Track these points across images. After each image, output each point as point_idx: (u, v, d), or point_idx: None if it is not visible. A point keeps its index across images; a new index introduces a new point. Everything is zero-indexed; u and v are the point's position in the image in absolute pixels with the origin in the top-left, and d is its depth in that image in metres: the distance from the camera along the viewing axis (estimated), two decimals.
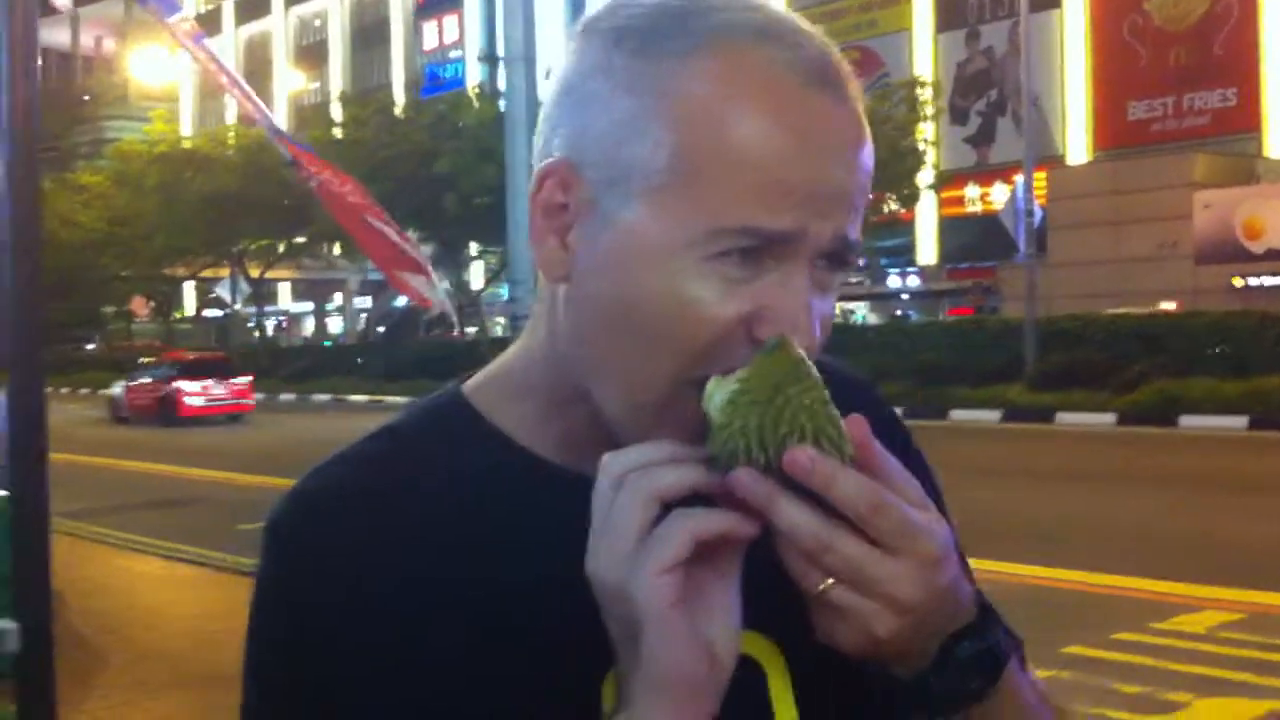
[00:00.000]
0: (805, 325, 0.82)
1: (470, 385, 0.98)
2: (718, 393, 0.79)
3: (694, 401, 0.81)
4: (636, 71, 0.83)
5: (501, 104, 33.35)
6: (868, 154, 0.86)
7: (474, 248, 39.64)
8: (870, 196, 0.89)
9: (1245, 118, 34.84)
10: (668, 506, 0.78)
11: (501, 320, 50.61)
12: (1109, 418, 20.45)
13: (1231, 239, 28.57)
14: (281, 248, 44.40)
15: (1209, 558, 9.30)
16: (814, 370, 0.79)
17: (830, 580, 0.78)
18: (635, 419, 0.85)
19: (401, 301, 55.01)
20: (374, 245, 6.42)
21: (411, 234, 41.13)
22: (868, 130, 0.86)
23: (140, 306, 55.01)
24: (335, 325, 62.35)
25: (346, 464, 0.93)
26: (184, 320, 60.41)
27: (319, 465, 0.94)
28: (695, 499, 0.79)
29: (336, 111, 39.77)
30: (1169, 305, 26.32)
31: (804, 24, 0.85)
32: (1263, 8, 34.40)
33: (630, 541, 0.77)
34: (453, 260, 38.27)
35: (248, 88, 6.39)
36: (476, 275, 45.75)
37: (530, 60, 8.47)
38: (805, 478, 0.76)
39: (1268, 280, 28.69)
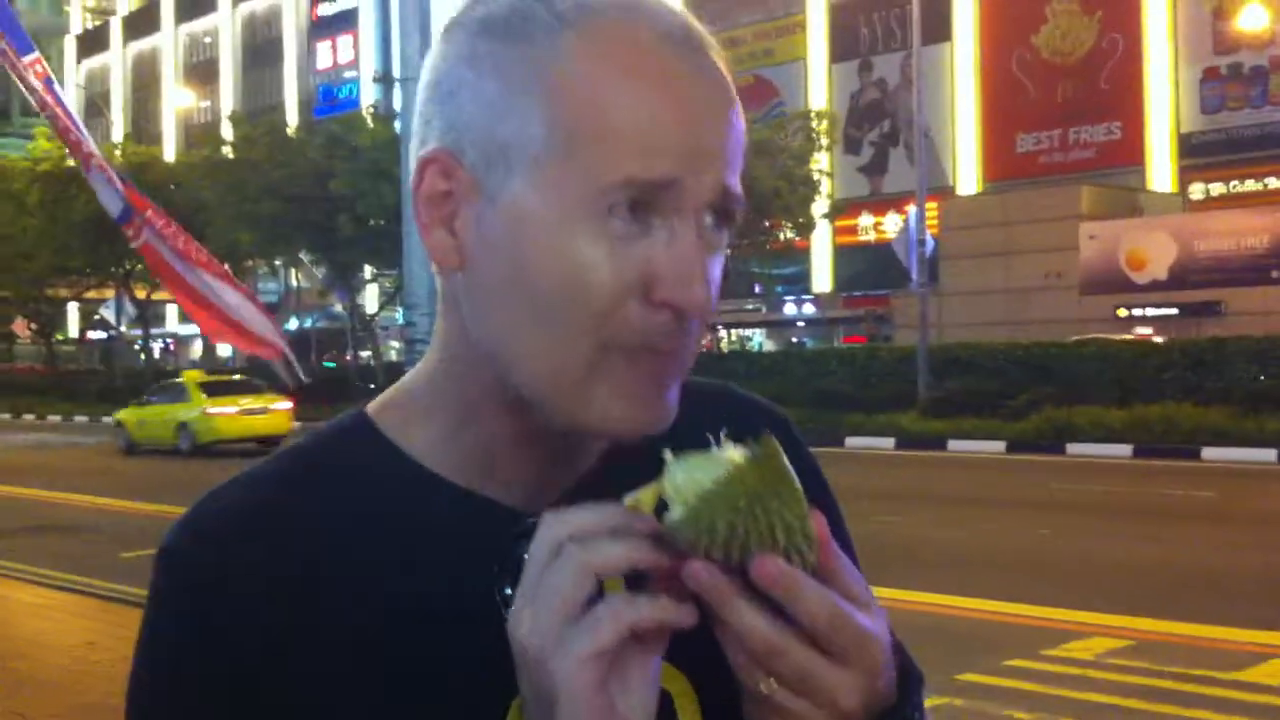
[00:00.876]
0: (699, 281, 0.82)
1: (374, 406, 0.96)
2: (680, 473, 0.77)
3: (618, 369, 0.82)
4: (502, 55, 0.84)
5: (397, 125, 33.11)
6: (737, 114, 0.87)
7: (368, 271, 39.17)
8: (742, 173, 0.88)
9: (1129, 151, 35.81)
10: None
11: (396, 344, 50.18)
12: (999, 445, 20.79)
13: (1116, 269, 29.29)
14: None
15: (1099, 584, 9.44)
16: (795, 480, 0.76)
17: (774, 683, 0.77)
18: (561, 395, 0.84)
19: (293, 325, 54.26)
20: (201, 311, 6.16)
21: (305, 256, 40.58)
22: (734, 92, 0.87)
23: (21, 328, 53.53)
24: (225, 349, 61.25)
25: (242, 486, 0.92)
26: (67, 342, 58.90)
27: (214, 488, 0.92)
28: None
29: (227, 130, 39.14)
30: (1145, 331, 26.74)
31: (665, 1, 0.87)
32: (1147, 44, 35.43)
33: (559, 616, 0.75)
34: (346, 283, 37.79)
35: (88, 139, 6.18)
36: (371, 298, 45.24)
37: None
38: (770, 587, 0.75)
39: (1151, 310, 29.44)
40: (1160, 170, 35.34)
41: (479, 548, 0.86)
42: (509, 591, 0.85)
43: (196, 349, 62.86)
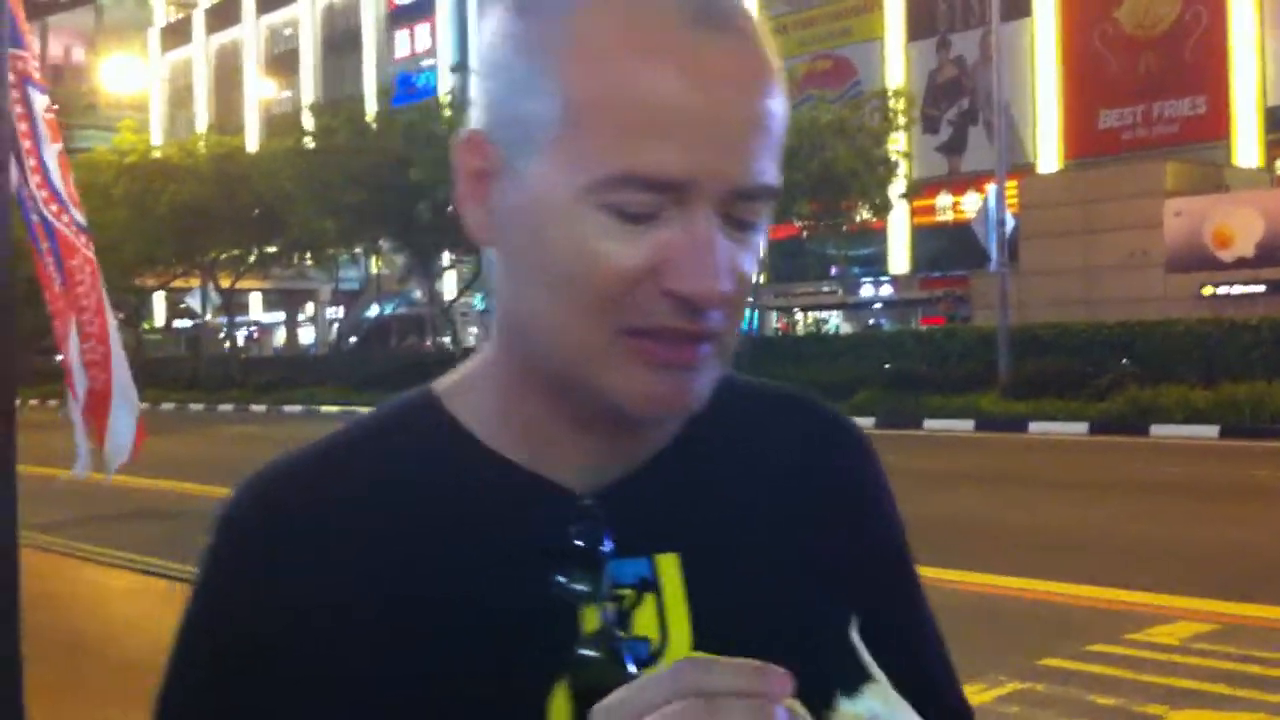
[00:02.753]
0: (709, 272, 0.81)
1: (439, 383, 0.97)
2: None
3: (633, 349, 0.82)
4: (525, 34, 0.84)
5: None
6: (768, 92, 0.84)
7: (447, 257, 39.50)
8: (782, 142, 0.86)
9: (1214, 126, 35.10)
10: None
11: (475, 330, 50.53)
12: (1081, 426, 20.54)
13: (1202, 247, 28.75)
14: (252, 258, 44.18)
15: (1182, 568, 9.33)
16: None
17: None
18: (581, 372, 0.85)
19: (373, 311, 54.88)
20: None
21: (385, 243, 40.90)
22: (769, 67, 0.85)
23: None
24: (307, 335, 62.09)
25: (302, 455, 0.94)
26: (153, 331, 60.01)
27: (275, 457, 0.94)
28: None
29: (308, 120, 39.64)
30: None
31: None
32: (1231, 16, 34.68)
33: None
34: (425, 269, 38.14)
35: (47, 153, 6.05)
36: (450, 285, 45.63)
37: None
38: None
39: (1237, 289, 28.86)
40: (1246, 145, 34.61)
41: (530, 526, 0.87)
42: (561, 579, 0.86)
43: (280, 336, 63.82)
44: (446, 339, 39.36)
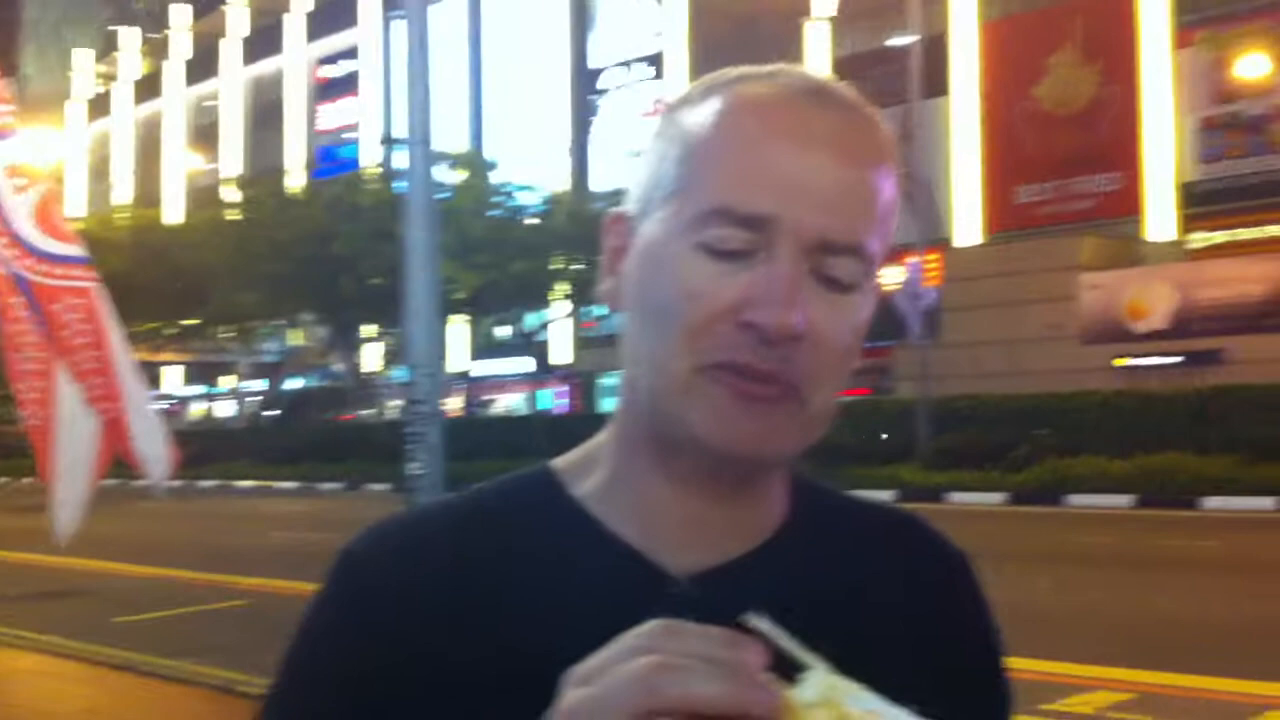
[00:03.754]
0: (784, 305, 0.86)
1: (559, 459, 1.03)
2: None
3: (711, 385, 0.88)
4: (669, 125, 0.96)
5: (398, 185, 33.28)
6: (865, 162, 0.92)
7: (369, 330, 39.25)
8: (887, 221, 0.93)
9: (1129, 201, 35.89)
10: None
11: (396, 403, 50.16)
12: (1000, 496, 20.70)
13: (1117, 319, 29.29)
14: (171, 331, 43.60)
15: (1101, 636, 9.36)
16: None
17: None
18: (666, 405, 0.91)
19: (294, 384, 54.31)
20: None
21: (307, 315, 40.49)
22: (871, 144, 0.93)
23: None
24: (225, 409, 61.21)
25: (425, 514, 1.03)
26: None
27: (400, 511, 1.06)
28: None
29: (231, 193, 39.42)
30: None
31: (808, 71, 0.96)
32: (1145, 95, 35.61)
33: None
34: (347, 342, 37.84)
35: (6, 203, 5.95)
36: (372, 358, 45.28)
37: (427, 143, 8.40)
38: None
39: (1152, 360, 29.40)
40: (1160, 219, 35.39)
41: (622, 603, 0.85)
42: None
43: (197, 410, 62.86)
44: (368, 412, 38.99)
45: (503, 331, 39.07)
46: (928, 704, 0.90)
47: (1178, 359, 28.84)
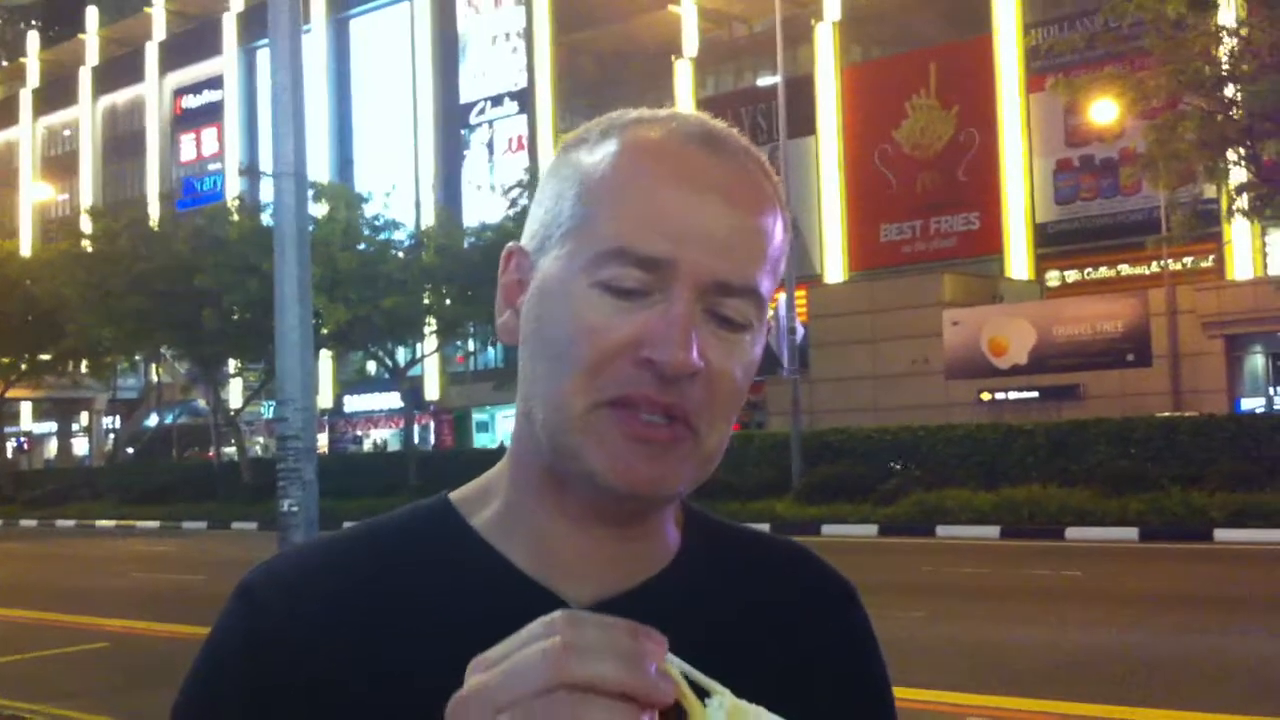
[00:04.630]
0: (679, 344, 0.88)
1: (457, 490, 1.04)
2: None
3: (608, 423, 0.90)
4: (566, 164, 0.98)
5: (264, 218, 32.65)
6: (756, 208, 0.95)
7: (233, 365, 38.37)
8: (777, 264, 0.96)
9: (988, 240, 36.87)
10: None
11: (261, 440, 49.09)
12: (872, 529, 20.97)
13: (979, 355, 29.97)
14: (24, 365, 42.16)
15: (971, 665, 9.49)
16: None
17: None
18: (563, 441, 0.92)
19: (153, 421, 52.91)
20: None
21: (168, 351, 39.42)
22: (760, 190, 0.96)
23: None
24: (82, 447, 59.34)
25: (323, 545, 1.01)
26: None
27: (299, 544, 1.05)
28: None
29: (87, 225, 38.32)
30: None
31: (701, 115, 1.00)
32: (1003, 138, 36.65)
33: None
34: (210, 378, 36.97)
35: None
36: (235, 394, 44.31)
37: (301, 175, 8.21)
38: None
39: (1013, 395, 30.14)
40: (1018, 258, 36.42)
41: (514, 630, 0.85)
42: None
43: (53, 447, 60.87)
44: (231, 449, 38.11)
45: (372, 367, 38.52)
46: None
47: (1037, 394, 29.63)
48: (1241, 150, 19.05)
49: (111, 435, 55.20)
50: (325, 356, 40.12)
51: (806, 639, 1.05)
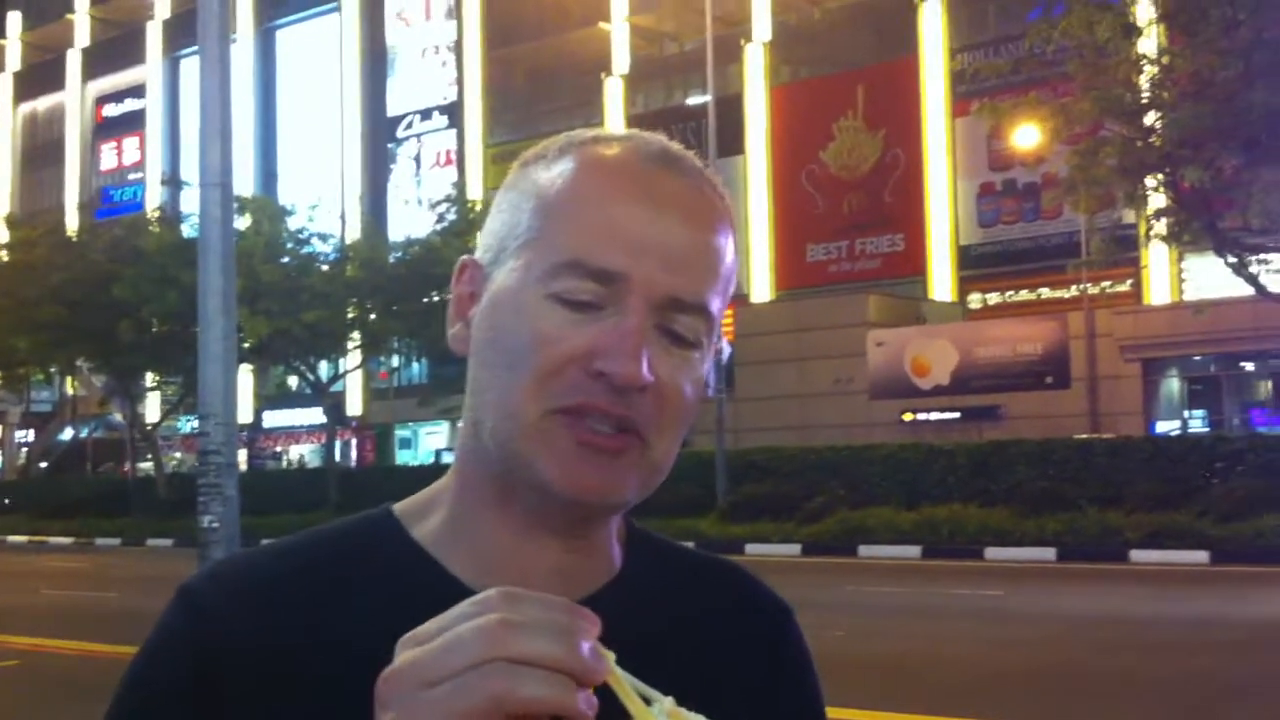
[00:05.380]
0: (630, 356, 0.90)
1: (401, 503, 1.05)
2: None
3: (559, 431, 0.91)
4: (522, 179, 1.01)
5: (185, 228, 32.17)
6: (708, 226, 0.97)
7: (150, 379, 37.73)
8: (727, 284, 0.99)
9: (912, 262, 37.24)
10: None
11: (179, 455, 48.29)
12: (795, 548, 21.04)
13: (902, 375, 30.24)
14: None
15: (891, 684, 9.52)
16: None
17: None
18: (510, 447, 0.93)
19: (67, 435, 51.89)
20: None
21: (83, 363, 38.56)
22: (713, 209, 0.98)
23: None
24: None
25: (263, 553, 1.02)
26: None
27: (241, 550, 1.03)
28: None
29: (2, 233, 37.55)
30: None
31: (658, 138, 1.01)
32: (927, 160, 37.08)
33: (441, 679, 0.72)
34: (127, 391, 36.33)
35: None
36: (152, 407, 43.59)
37: (227, 186, 8.10)
38: None
39: (935, 415, 30.44)
40: (941, 280, 36.83)
41: None
42: None
43: None
44: (148, 464, 37.46)
45: (294, 381, 38.07)
46: None
47: (959, 414, 29.95)
48: (1160, 176, 19.40)
49: (24, 449, 54.06)
50: (245, 370, 39.59)
51: (743, 656, 1.08)
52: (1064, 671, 10.00)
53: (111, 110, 58.30)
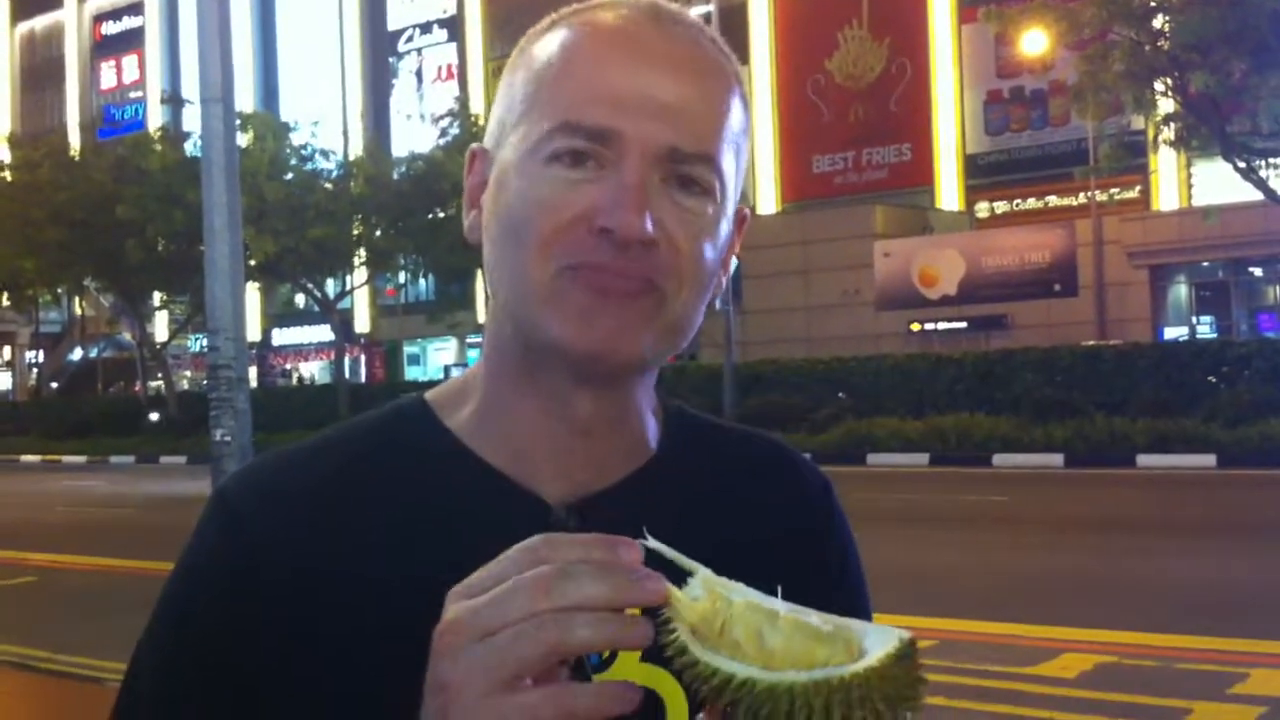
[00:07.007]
0: (630, 209, 0.89)
1: (432, 391, 1.05)
2: (776, 637, 0.74)
3: (569, 289, 0.91)
4: (516, 57, 1.01)
5: (188, 147, 32.00)
6: (705, 77, 0.95)
7: (158, 298, 37.77)
8: (738, 141, 0.98)
9: (919, 172, 37.03)
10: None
11: (189, 374, 48.49)
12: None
13: (909, 286, 30.20)
14: None
15: (901, 587, 9.63)
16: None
17: None
18: (528, 312, 0.93)
19: (77, 355, 52.09)
20: None
21: (91, 283, 38.54)
22: (709, 60, 0.97)
23: None
24: (4, 381, 58.34)
25: (300, 450, 1.02)
26: None
27: (274, 450, 1.03)
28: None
29: (3, 153, 37.37)
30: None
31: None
32: (934, 69, 36.71)
33: (500, 677, 0.72)
34: (135, 311, 36.39)
35: None
36: (161, 326, 43.70)
37: (229, 101, 8.05)
38: None
39: (942, 325, 30.45)
40: (948, 190, 36.64)
41: (500, 531, 0.84)
42: None
43: None
44: (159, 382, 37.63)
45: (301, 299, 38.10)
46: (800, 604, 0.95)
47: (966, 324, 29.95)
48: (1169, 81, 19.22)
49: (35, 370, 54.29)
50: (253, 289, 39.61)
51: (785, 530, 1.07)
52: (1074, 575, 10.10)
53: (110, 28, 57.76)
